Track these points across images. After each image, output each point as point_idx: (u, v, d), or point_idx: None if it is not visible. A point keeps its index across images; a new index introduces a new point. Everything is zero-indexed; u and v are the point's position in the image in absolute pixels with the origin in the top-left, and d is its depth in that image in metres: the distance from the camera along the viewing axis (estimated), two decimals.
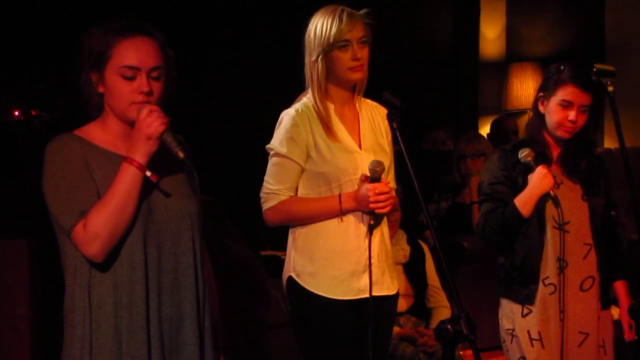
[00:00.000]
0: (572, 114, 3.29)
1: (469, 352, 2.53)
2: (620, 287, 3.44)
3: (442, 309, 4.55)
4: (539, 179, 3.24)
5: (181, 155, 2.34)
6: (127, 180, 2.35)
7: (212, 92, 6.30)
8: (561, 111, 3.30)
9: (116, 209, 2.33)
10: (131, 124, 2.41)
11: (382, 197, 2.93)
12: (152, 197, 2.44)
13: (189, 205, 2.48)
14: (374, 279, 2.97)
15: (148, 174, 2.37)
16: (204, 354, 2.50)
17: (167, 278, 2.45)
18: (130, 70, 2.40)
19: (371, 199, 2.92)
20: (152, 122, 2.34)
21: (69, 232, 2.36)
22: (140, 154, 2.36)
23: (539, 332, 3.30)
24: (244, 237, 4.76)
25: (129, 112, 2.41)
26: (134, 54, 2.40)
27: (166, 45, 2.49)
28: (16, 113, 4.61)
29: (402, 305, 4.35)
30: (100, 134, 2.48)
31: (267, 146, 3.06)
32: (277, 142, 3.02)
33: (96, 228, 2.32)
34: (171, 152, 2.36)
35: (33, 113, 4.61)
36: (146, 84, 2.40)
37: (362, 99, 3.13)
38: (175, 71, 2.51)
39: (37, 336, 4.26)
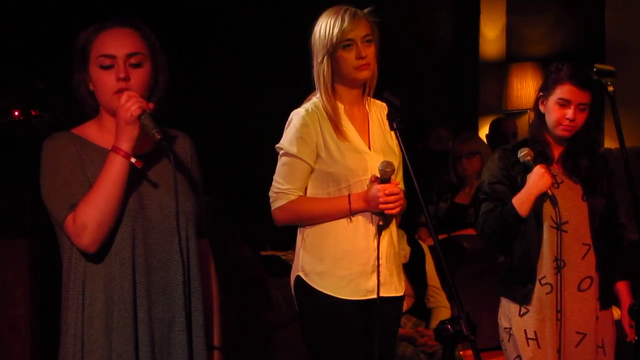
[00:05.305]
0: (569, 112, 3.29)
1: (469, 352, 2.52)
2: (622, 288, 3.43)
3: (442, 309, 4.55)
4: (537, 179, 3.24)
5: (157, 136, 2.36)
6: (114, 169, 2.37)
7: (214, 91, 6.29)
8: (559, 109, 3.30)
9: (103, 197, 2.36)
10: None
11: (392, 198, 2.92)
12: (146, 194, 2.46)
13: (185, 203, 2.48)
14: (382, 279, 2.97)
15: (133, 160, 2.39)
16: (197, 353, 2.50)
17: (158, 276, 2.45)
18: (107, 58, 2.43)
19: (381, 200, 2.91)
20: (130, 107, 2.36)
21: (61, 225, 2.40)
22: (124, 141, 2.38)
23: (535, 332, 3.30)
24: (244, 237, 4.75)
25: (113, 103, 2.43)
26: (109, 43, 2.44)
27: (151, 35, 2.51)
28: (16, 113, 4.60)
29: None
30: (96, 131, 2.51)
31: (277, 145, 3.05)
32: (286, 141, 3.01)
33: (84, 218, 2.35)
34: (149, 134, 2.37)
35: (33, 113, 4.61)
36: (122, 69, 2.42)
37: (372, 99, 3.11)
38: (165, 57, 2.53)
39: (37, 336, 4.26)
